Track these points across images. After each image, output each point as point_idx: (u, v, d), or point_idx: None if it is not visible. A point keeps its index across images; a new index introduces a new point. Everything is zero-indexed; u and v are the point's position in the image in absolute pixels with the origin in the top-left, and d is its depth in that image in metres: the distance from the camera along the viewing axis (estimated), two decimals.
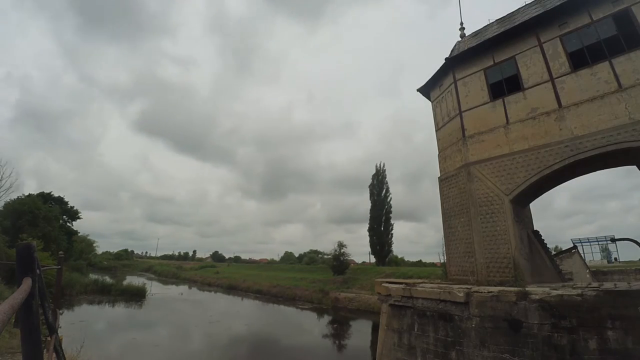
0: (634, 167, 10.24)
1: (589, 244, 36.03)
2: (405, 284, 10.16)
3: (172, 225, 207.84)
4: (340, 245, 37.58)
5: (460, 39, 13.85)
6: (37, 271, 1.76)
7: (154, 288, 42.37)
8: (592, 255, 35.93)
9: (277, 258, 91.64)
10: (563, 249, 18.47)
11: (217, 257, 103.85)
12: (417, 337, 8.75)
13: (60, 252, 9.44)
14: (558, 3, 9.94)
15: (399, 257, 53.30)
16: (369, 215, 43.10)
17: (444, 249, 12.02)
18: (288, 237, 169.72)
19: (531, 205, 12.75)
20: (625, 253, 37.19)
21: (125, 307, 28.52)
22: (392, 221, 42.67)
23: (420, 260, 56.90)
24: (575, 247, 17.75)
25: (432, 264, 39.83)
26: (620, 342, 5.87)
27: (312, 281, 37.42)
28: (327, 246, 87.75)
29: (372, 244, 42.40)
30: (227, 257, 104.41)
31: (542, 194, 12.07)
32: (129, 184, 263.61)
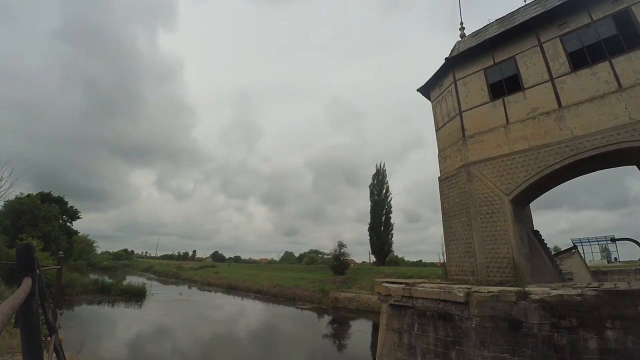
0: (634, 167, 10.25)
1: (588, 243, 36.02)
2: (405, 284, 10.15)
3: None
4: (340, 245, 37.65)
5: (460, 38, 13.85)
6: (37, 271, 1.76)
7: (154, 288, 42.34)
8: (592, 255, 35.91)
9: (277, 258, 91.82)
10: (562, 249, 18.45)
11: (217, 257, 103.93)
12: (417, 337, 8.75)
13: (60, 252, 9.44)
14: (558, 3, 9.93)
15: (399, 257, 53.45)
16: (370, 215, 43.24)
17: (444, 249, 12.01)
18: None
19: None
20: (625, 253, 37.18)
21: (125, 307, 28.51)
22: (392, 221, 42.83)
23: (421, 260, 57.16)
24: (575, 247, 17.73)
25: (432, 264, 39.85)
26: (620, 342, 5.87)
27: (312, 281, 37.39)
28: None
29: (372, 244, 42.52)
30: (227, 257, 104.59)
31: (542, 194, 12.06)
32: None
